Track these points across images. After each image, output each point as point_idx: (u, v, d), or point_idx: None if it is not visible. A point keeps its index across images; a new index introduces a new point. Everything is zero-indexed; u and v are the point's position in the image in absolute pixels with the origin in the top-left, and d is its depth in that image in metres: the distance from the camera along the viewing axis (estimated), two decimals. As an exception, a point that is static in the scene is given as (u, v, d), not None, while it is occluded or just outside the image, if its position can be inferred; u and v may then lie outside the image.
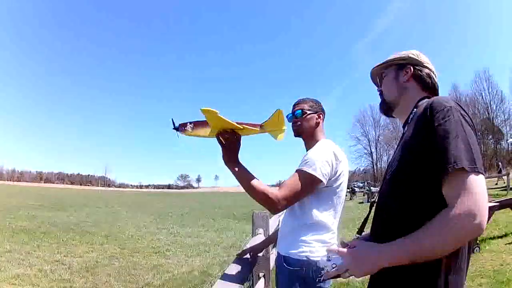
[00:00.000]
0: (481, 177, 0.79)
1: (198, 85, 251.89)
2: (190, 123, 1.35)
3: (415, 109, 1.01)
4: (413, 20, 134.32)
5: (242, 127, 1.24)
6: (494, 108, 46.04)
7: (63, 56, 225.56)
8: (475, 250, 5.16)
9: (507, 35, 74.93)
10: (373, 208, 1.06)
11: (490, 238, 6.00)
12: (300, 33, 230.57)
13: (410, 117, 1.01)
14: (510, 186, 14.25)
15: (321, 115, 1.69)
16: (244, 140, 1.32)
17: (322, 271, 0.99)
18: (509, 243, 5.58)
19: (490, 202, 6.04)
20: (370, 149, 62.65)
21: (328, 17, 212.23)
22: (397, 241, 0.83)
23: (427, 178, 0.84)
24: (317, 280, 1.41)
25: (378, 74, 1.21)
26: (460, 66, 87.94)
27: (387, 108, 1.16)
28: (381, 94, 1.19)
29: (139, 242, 8.25)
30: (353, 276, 0.92)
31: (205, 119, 1.23)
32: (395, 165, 0.97)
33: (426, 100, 1.00)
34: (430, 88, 1.09)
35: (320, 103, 1.72)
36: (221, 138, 1.27)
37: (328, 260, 0.96)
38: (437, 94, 1.09)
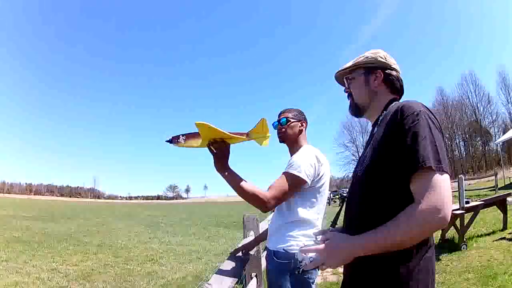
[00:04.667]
0: (446, 176, 0.85)
1: (186, 95, 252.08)
2: (183, 135, 1.40)
3: (384, 112, 1.06)
4: (400, 26, 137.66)
5: (230, 136, 1.33)
6: (482, 110, 44.09)
7: (52, 66, 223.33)
8: (462, 248, 5.16)
9: (493, 36, 76.03)
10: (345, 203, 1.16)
11: (478, 236, 5.93)
12: (286, 40, 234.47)
13: (380, 118, 1.06)
14: (499, 186, 14.52)
15: (304, 123, 1.84)
16: (236, 151, 1.42)
17: (300, 264, 1.02)
18: (496, 240, 5.49)
19: (475, 201, 6.13)
20: (358, 156, 62.17)
21: (316, 24, 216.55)
22: (368, 233, 0.88)
23: (396, 175, 0.90)
24: (296, 272, 1.52)
25: (345, 76, 1.21)
26: (447, 70, 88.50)
27: (357, 110, 1.19)
28: (349, 95, 1.20)
29: (132, 251, 8.39)
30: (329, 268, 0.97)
31: (196, 131, 1.31)
32: (367, 163, 1.00)
33: (396, 103, 1.06)
34: (398, 90, 1.14)
35: (303, 112, 1.87)
36: (212, 148, 1.36)
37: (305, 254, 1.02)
38: (403, 94, 1.16)
